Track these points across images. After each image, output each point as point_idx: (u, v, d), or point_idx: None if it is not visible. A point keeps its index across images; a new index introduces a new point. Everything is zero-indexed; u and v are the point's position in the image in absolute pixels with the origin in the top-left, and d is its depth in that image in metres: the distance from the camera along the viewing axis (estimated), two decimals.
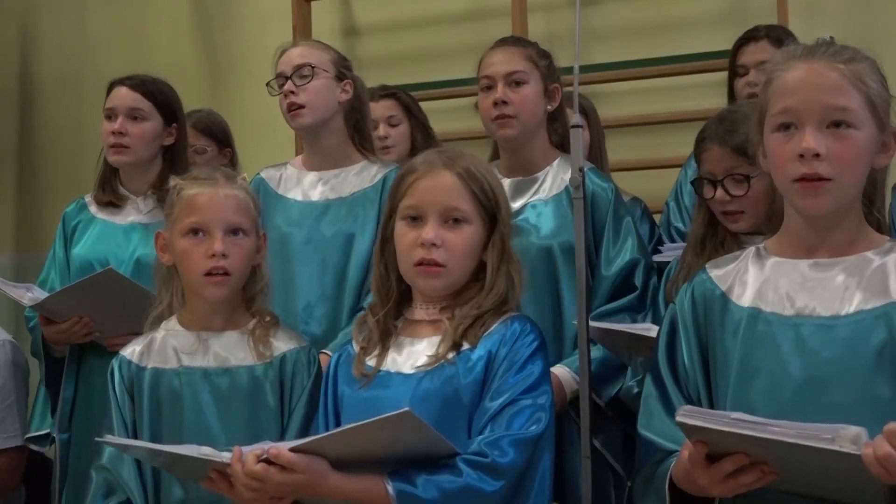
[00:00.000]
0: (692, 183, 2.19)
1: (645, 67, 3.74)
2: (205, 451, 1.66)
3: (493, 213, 1.80)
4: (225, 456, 1.64)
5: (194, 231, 1.93)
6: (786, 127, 1.50)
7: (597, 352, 2.26)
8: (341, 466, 1.60)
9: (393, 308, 1.83)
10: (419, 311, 1.82)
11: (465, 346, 1.73)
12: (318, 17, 4.13)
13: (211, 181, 1.98)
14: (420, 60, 4.02)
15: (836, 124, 1.47)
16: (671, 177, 3.01)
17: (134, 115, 2.63)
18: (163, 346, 1.97)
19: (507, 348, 1.72)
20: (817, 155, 1.45)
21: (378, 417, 1.53)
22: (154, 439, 1.88)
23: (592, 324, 2.09)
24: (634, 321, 2.28)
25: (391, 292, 1.83)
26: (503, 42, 2.50)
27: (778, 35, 2.89)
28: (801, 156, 1.46)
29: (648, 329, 2.12)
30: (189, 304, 1.99)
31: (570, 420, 2.19)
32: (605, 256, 2.35)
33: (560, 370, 2.25)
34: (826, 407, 1.43)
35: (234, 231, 1.94)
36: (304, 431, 1.87)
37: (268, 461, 1.58)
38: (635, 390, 2.23)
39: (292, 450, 1.58)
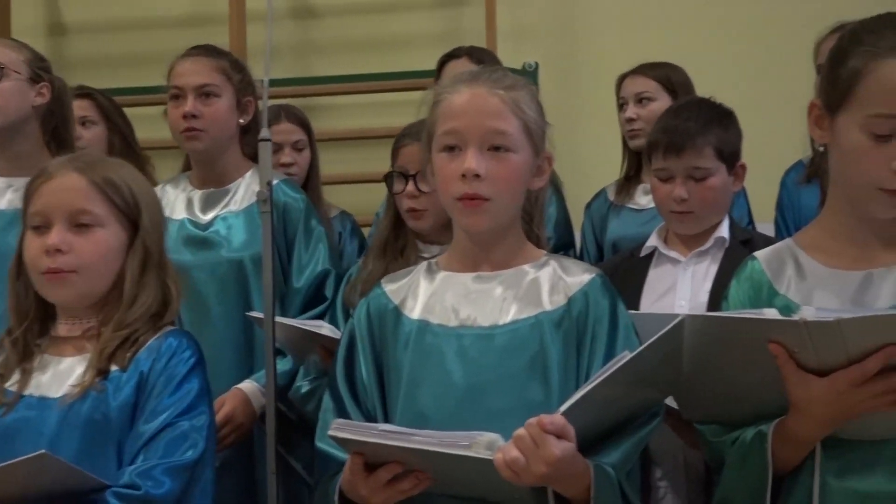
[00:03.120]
0: (385, 179, 2.22)
1: (363, 82, 3.81)
2: None
3: (134, 219, 1.72)
4: None
5: None
6: (451, 148, 1.57)
7: (287, 364, 2.26)
8: None
9: (35, 326, 1.72)
10: (62, 327, 1.72)
11: (114, 368, 1.64)
12: (19, 12, 3.90)
13: None
14: (133, 64, 3.87)
15: (496, 147, 1.56)
16: (384, 191, 3.07)
17: None
18: None
19: (162, 364, 1.65)
20: (477, 175, 1.53)
21: (10, 462, 1.44)
22: None
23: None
24: None
25: (29, 310, 1.71)
26: (195, 51, 2.43)
27: (479, 56, 3.02)
28: (464, 175, 1.54)
29: (320, 326, 2.13)
30: None
31: (261, 435, 2.16)
32: (297, 267, 2.35)
33: (249, 385, 2.24)
34: (487, 413, 1.50)
35: None
36: None
37: None
38: (304, 389, 2.23)
39: None
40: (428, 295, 1.62)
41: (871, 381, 1.31)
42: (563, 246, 2.87)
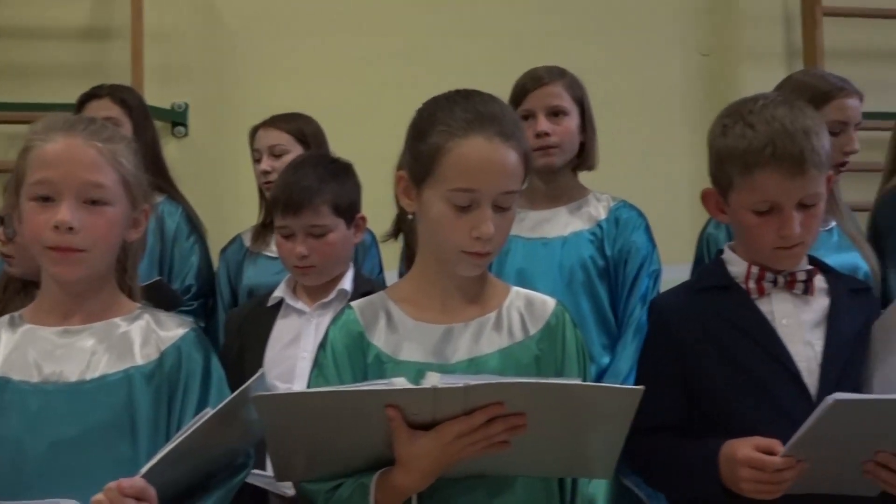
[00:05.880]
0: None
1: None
2: None
3: None
4: None
5: None
6: (43, 198, 1.52)
7: None
8: None
9: None
10: None
11: None
12: None
13: None
14: None
15: (92, 200, 1.53)
16: None
17: None
18: None
19: None
20: (71, 228, 1.50)
21: None
22: None
23: None
24: None
25: None
26: None
27: (122, 95, 2.93)
28: (57, 227, 1.50)
29: None
30: None
31: None
32: None
33: None
34: (72, 471, 1.46)
35: None
36: None
37: None
38: None
39: None
40: (9, 350, 1.55)
41: (473, 431, 1.42)
42: (204, 294, 2.84)
